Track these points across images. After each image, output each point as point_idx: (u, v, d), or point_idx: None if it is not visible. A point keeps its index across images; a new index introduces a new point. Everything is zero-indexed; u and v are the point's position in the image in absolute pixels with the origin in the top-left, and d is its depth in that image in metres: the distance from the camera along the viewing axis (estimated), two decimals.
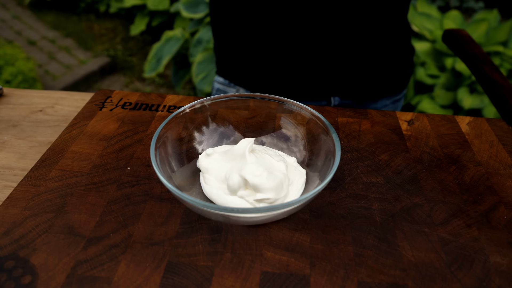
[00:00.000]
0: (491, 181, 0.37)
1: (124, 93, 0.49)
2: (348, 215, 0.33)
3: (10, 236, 0.30)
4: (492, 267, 0.29)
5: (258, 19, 0.58)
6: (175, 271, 0.28)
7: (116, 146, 0.40)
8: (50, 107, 0.55)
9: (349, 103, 0.65)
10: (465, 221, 0.33)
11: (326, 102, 0.64)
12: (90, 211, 0.33)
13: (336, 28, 0.55)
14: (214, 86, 0.73)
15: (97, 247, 0.30)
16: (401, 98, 0.70)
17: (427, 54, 1.75)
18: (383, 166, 0.38)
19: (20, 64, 2.17)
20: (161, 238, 0.31)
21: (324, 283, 0.28)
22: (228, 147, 0.36)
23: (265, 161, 0.34)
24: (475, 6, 2.73)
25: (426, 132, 0.43)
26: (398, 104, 0.71)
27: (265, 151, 0.36)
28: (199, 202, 0.27)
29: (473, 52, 0.65)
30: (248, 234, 0.31)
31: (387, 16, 0.58)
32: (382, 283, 0.28)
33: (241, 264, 0.29)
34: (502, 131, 0.44)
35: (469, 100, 1.58)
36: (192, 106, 0.37)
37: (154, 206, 0.33)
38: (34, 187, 0.35)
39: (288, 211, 0.29)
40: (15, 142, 0.48)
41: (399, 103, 0.70)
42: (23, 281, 0.27)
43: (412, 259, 0.29)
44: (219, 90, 0.71)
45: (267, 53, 0.61)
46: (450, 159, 0.39)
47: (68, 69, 2.41)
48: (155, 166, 0.30)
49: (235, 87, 0.67)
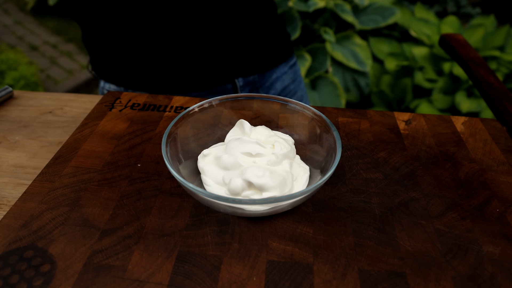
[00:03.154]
0: (484, 177, 0.39)
1: (132, 94, 0.51)
2: (348, 208, 0.35)
3: (29, 228, 0.32)
4: (485, 256, 0.31)
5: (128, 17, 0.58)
6: (186, 260, 0.30)
7: (127, 145, 0.42)
8: (59, 109, 0.57)
9: (252, 80, 0.68)
10: (459, 214, 0.34)
11: (232, 85, 0.67)
12: (104, 205, 0.34)
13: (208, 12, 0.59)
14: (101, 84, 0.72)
15: (112, 238, 0.31)
16: (296, 62, 0.77)
17: (425, 59, 1.78)
18: (382, 163, 0.40)
19: (23, 69, 2.19)
20: (172, 229, 0.32)
21: (326, 270, 0.29)
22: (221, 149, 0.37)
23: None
24: (472, 11, 2.77)
25: (423, 131, 0.45)
26: (295, 68, 0.76)
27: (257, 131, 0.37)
28: (209, 193, 0.29)
29: (469, 56, 0.67)
30: (254, 226, 0.33)
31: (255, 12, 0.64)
32: (381, 271, 0.29)
33: (248, 254, 0.31)
34: (495, 130, 0.46)
35: (466, 103, 1.60)
36: (201, 105, 0.39)
37: (165, 200, 0.35)
38: (50, 182, 0.37)
39: (293, 203, 0.31)
40: (26, 142, 0.50)
41: (295, 67, 0.77)
42: (42, 269, 0.29)
43: (410, 248, 0.31)
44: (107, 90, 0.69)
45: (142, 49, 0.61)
46: (445, 157, 0.41)
47: (69, 74, 2.43)
48: (166, 160, 0.31)
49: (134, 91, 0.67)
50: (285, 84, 0.73)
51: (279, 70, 0.72)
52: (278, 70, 0.72)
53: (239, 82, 0.67)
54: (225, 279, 0.29)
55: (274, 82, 0.72)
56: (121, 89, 0.68)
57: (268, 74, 0.70)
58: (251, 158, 0.34)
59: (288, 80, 0.74)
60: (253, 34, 0.65)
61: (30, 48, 2.68)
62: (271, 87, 0.71)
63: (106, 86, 0.70)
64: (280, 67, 0.72)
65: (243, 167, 0.33)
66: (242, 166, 0.34)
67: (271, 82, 0.71)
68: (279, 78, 0.72)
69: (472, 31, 1.82)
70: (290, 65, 0.75)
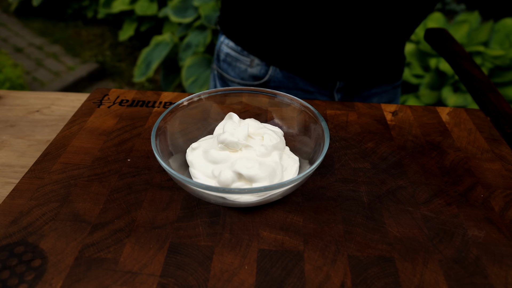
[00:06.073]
0: (469, 164, 0.40)
1: (120, 91, 0.51)
2: (338, 197, 0.35)
3: (18, 224, 0.32)
4: (470, 239, 0.32)
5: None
6: (178, 251, 0.30)
7: (116, 140, 0.42)
8: (47, 108, 0.57)
9: (352, 89, 0.68)
10: (445, 200, 0.35)
11: (331, 84, 0.67)
12: (94, 200, 0.34)
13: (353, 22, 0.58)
14: (222, 49, 0.70)
15: (103, 232, 0.32)
16: (400, 85, 0.75)
17: (412, 55, 1.80)
18: (370, 153, 0.41)
19: (8, 71, 2.16)
20: (163, 222, 0.32)
21: (317, 257, 0.30)
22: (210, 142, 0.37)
23: None
24: (457, 8, 2.81)
25: (409, 121, 0.46)
26: (397, 90, 0.76)
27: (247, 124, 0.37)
28: (201, 184, 0.29)
29: (453, 49, 0.68)
30: (245, 216, 0.33)
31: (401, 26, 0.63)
32: (370, 256, 0.30)
33: (239, 243, 0.31)
34: (479, 120, 0.47)
35: (453, 98, 1.63)
36: (190, 99, 0.39)
37: (155, 194, 0.35)
38: (39, 179, 0.36)
39: (283, 192, 0.31)
40: (14, 141, 0.49)
41: (398, 89, 0.75)
42: (33, 264, 0.29)
43: (398, 234, 0.32)
44: (229, 56, 0.69)
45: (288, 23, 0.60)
46: (431, 146, 0.42)
47: (56, 76, 2.40)
48: (156, 153, 0.32)
49: (248, 56, 0.66)
50: (382, 101, 0.73)
51: (382, 87, 0.71)
52: (381, 86, 0.71)
53: (340, 84, 0.67)
54: (217, 268, 0.29)
55: (372, 96, 0.71)
56: (238, 48, 0.67)
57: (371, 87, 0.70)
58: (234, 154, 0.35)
59: (385, 99, 0.73)
60: (381, 48, 0.65)
61: (15, 50, 2.64)
62: (367, 99, 0.71)
63: (225, 42, 0.69)
64: (384, 85, 0.71)
65: (233, 159, 0.34)
66: (232, 159, 0.34)
67: (368, 94, 0.71)
68: (379, 94, 0.72)
69: (457, 27, 1.85)
70: (394, 85, 0.74)
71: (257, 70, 0.66)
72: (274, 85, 0.67)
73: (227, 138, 0.34)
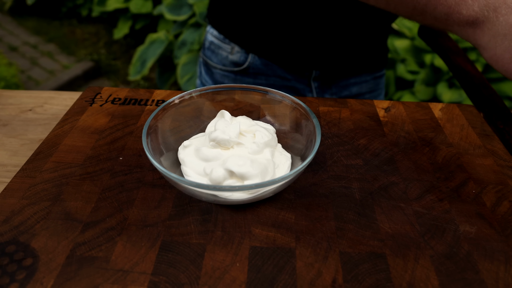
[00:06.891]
0: (461, 160, 0.40)
1: (113, 89, 0.51)
2: (330, 194, 0.35)
3: (10, 224, 0.32)
4: (462, 235, 0.32)
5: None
6: (170, 249, 0.30)
7: (108, 139, 0.42)
8: (40, 106, 0.56)
9: (329, 78, 0.69)
10: (437, 196, 0.35)
11: (308, 73, 0.68)
12: (86, 198, 0.34)
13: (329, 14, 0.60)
14: (207, 37, 0.74)
15: (94, 230, 0.31)
16: (382, 75, 0.76)
17: (406, 51, 1.80)
18: (362, 149, 0.41)
19: (2, 70, 2.15)
20: (155, 220, 0.32)
21: (308, 254, 0.30)
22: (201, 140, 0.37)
23: None
24: None
25: (402, 118, 0.46)
26: (380, 81, 0.76)
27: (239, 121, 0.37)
28: (192, 182, 0.29)
29: (447, 45, 0.68)
30: (237, 214, 0.33)
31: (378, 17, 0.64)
32: (362, 253, 0.30)
33: (231, 241, 0.31)
34: (472, 116, 0.47)
35: (448, 94, 1.63)
36: (181, 97, 0.39)
37: (147, 192, 0.35)
38: (30, 178, 0.36)
39: (275, 189, 0.31)
40: (6, 140, 0.49)
41: (380, 79, 0.76)
42: (24, 263, 0.29)
43: (389, 230, 0.32)
44: (213, 44, 0.72)
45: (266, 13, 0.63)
46: (424, 142, 0.42)
47: (51, 74, 2.39)
48: (147, 151, 0.32)
49: (230, 43, 0.69)
50: (362, 91, 0.73)
51: (361, 77, 0.72)
52: (359, 76, 0.71)
53: (316, 73, 0.68)
54: (209, 266, 0.29)
55: (350, 85, 0.72)
56: (221, 36, 0.70)
57: (349, 77, 0.71)
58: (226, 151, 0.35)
59: (365, 89, 0.74)
60: (360, 37, 0.65)
61: (9, 49, 2.63)
62: (345, 88, 0.71)
63: (210, 31, 0.73)
64: (364, 75, 0.72)
65: (224, 157, 0.34)
66: (223, 156, 0.34)
67: (347, 83, 0.71)
68: (358, 83, 0.72)
69: None
70: (374, 76, 0.74)
71: (237, 57, 0.69)
72: (253, 72, 0.69)
73: (218, 135, 0.34)
